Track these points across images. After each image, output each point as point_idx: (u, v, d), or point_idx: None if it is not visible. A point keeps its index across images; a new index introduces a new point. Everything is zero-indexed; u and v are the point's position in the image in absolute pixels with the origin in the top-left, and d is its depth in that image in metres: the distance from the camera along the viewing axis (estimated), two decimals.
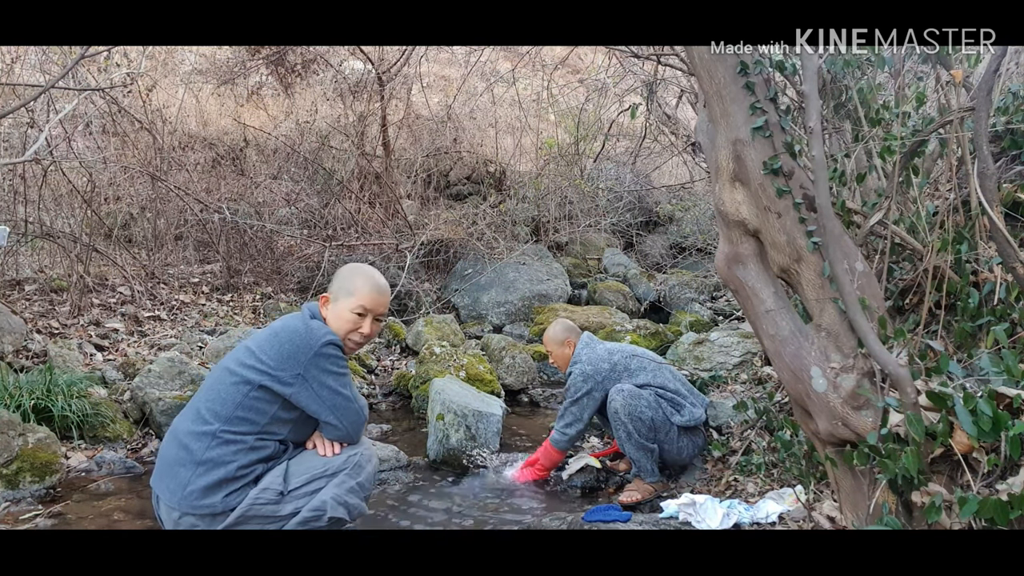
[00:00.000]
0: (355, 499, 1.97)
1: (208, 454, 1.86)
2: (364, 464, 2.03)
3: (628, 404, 2.79)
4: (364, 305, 2.01)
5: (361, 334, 2.03)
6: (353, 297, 2.01)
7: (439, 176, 7.79)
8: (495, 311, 6.06)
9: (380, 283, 2.08)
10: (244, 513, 1.86)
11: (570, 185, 7.44)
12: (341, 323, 2.01)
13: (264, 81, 7.78)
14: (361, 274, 2.08)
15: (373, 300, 2.03)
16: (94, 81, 5.18)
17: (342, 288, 2.04)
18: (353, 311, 2.00)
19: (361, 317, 2.02)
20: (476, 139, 8.09)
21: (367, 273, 2.08)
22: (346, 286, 2.04)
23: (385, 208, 6.76)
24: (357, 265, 2.15)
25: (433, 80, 8.85)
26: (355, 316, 2.01)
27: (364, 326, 2.03)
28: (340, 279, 2.08)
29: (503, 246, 6.53)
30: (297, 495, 1.92)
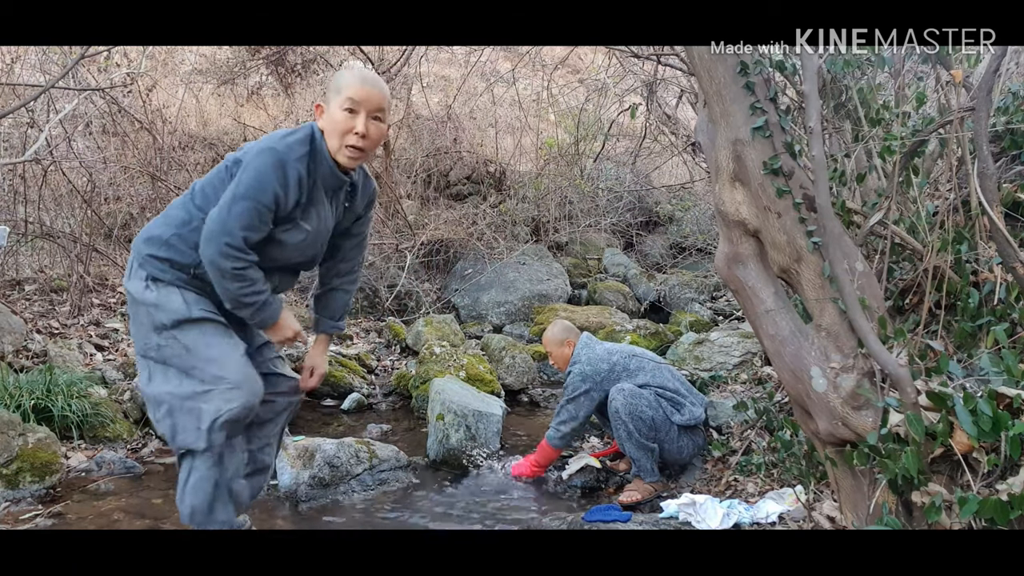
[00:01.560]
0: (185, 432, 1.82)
1: (169, 211, 1.92)
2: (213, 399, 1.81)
3: (629, 403, 2.79)
4: (352, 97, 1.77)
5: (357, 135, 1.79)
6: (340, 93, 1.78)
7: (439, 176, 7.78)
8: (495, 311, 6.06)
9: (368, 74, 1.87)
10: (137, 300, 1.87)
11: (570, 185, 7.44)
12: (335, 127, 1.80)
13: (264, 81, 7.78)
14: (347, 69, 1.88)
15: (361, 91, 1.77)
16: (94, 81, 5.18)
17: (331, 89, 1.83)
18: (342, 108, 1.78)
19: (352, 114, 1.78)
20: (476, 139, 8.08)
21: (353, 67, 1.94)
22: (334, 85, 1.82)
23: (385, 208, 6.75)
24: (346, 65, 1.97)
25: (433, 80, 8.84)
26: (345, 114, 1.78)
27: (358, 124, 1.78)
28: (329, 85, 1.86)
29: (503, 246, 6.52)
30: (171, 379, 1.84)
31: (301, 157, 1.79)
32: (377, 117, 1.82)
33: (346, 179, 1.92)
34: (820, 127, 1.77)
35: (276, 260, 1.91)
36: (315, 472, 2.83)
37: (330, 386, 4.21)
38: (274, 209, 1.78)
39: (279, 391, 2.10)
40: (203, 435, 1.81)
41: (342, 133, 1.79)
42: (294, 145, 1.79)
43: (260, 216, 1.76)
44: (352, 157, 1.83)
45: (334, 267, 2.18)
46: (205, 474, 1.86)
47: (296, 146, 1.79)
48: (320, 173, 1.85)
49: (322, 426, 3.72)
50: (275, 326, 1.93)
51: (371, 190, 2.10)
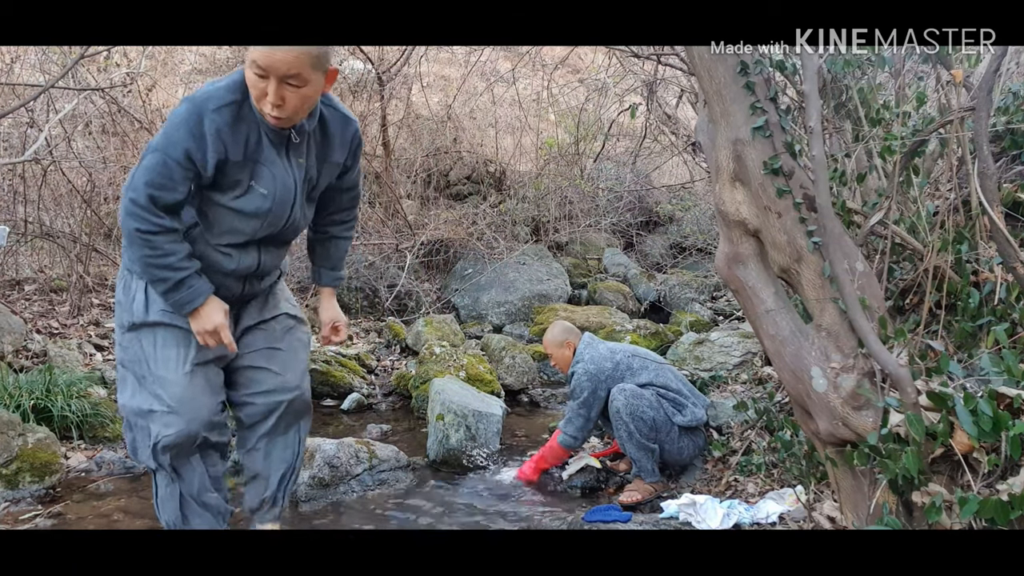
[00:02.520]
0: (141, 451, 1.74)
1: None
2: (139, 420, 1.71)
3: (630, 403, 2.79)
4: (256, 60, 1.51)
5: (270, 103, 1.54)
6: (249, 52, 1.53)
7: (439, 176, 7.78)
8: (495, 311, 6.06)
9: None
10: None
11: (570, 185, 7.44)
12: (249, 88, 1.57)
13: None
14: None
15: (263, 56, 1.50)
16: (94, 81, 5.18)
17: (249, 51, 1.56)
18: (251, 69, 1.53)
19: (261, 79, 1.53)
20: (476, 139, 8.08)
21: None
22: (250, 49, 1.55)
23: (385, 208, 6.75)
24: None
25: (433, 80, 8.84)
26: (255, 77, 1.53)
27: (269, 91, 1.53)
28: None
29: (503, 246, 6.52)
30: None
31: (221, 107, 1.56)
32: (291, 83, 1.53)
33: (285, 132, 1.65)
34: (820, 127, 1.77)
35: (243, 232, 1.71)
36: (315, 472, 2.83)
37: (330, 386, 4.21)
38: (189, 166, 1.56)
39: (260, 390, 1.89)
40: (151, 455, 1.72)
41: (257, 98, 1.57)
42: (215, 94, 1.56)
43: (169, 172, 1.54)
44: (275, 123, 1.61)
45: (327, 217, 1.99)
46: (167, 491, 1.77)
47: (218, 94, 1.56)
48: (261, 124, 1.62)
49: (322, 426, 3.72)
50: (195, 314, 1.67)
51: (351, 135, 1.82)
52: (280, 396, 1.90)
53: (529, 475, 3.06)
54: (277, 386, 1.89)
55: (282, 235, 1.81)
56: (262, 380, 1.88)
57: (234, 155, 1.59)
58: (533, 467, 3.07)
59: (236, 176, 1.62)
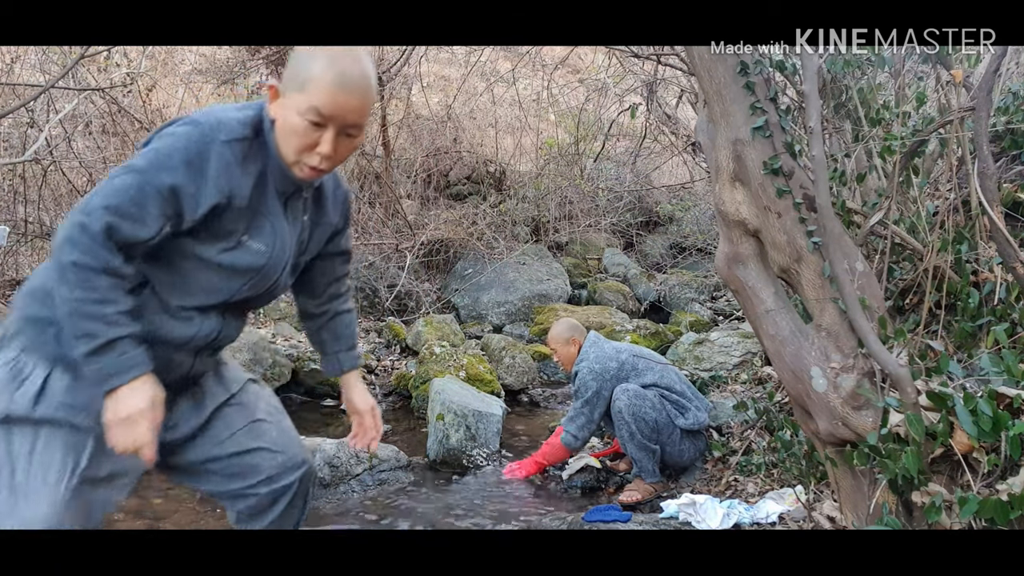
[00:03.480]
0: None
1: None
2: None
3: (632, 404, 2.79)
4: (318, 108, 1.21)
5: (320, 155, 1.26)
6: (304, 93, 1.22)
7: (439, 176, 7.78)
8: (495, 311, 6.06)
9: (350, 71, 1.23)
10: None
11: (570, 185, 7.45)
12: (291, 135, 1.26)
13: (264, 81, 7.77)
14: (322, 56, 1.23)
15: (334, 102, 1.22)
16: (94, 81, 5.18)
17: (293, 74, 1.26)
18: (304, 115, 1.22)
19: (316, 127, 1.24)
20: (476, 139, 8.08)
21: (332, 55, 1.24)
22: (297, 73, 1.24)
23: (385, 208, 6.75)
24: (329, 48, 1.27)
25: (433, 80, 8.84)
26: (307, 124, 1.23)
27: (323, 143, 1.25)
28: (294, 62, 1.27)
29: (503, 246, 6.53)
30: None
31: (234, 141, 1.26)
32: (351, 133, 1.28)
33: (303, 183, 1.36)
34: (820, 127, 1.77)
35: (220, 293, 1.35)
36: None
37: (330, 386, 4.21)
38: (171, 202, 1.21)
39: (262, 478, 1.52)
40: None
41: (300, 148, 1.27)
42: (228, 123, 1.26)
43: (143, 201, 1.18)
44: (308, 175, 1.32)
45: (326, 291, 1.63)
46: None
47: (231, 125, 1.27)
48: (269, 169, 1.32)
49: (322, 426, 3.73)
50: (114, 394, 1.20)
51: (343, 196, 1.57)
52: (288, 478, 1.55)
53: (517, 471, 3.05)
54: (281, 467, 1.54)
55: (258, 300, 1.48)
56: (260, 465, 1.52)
57: (239, 200, 1.27)
58: (529, 463, 3.06)
59: (231, 226, 1.30)
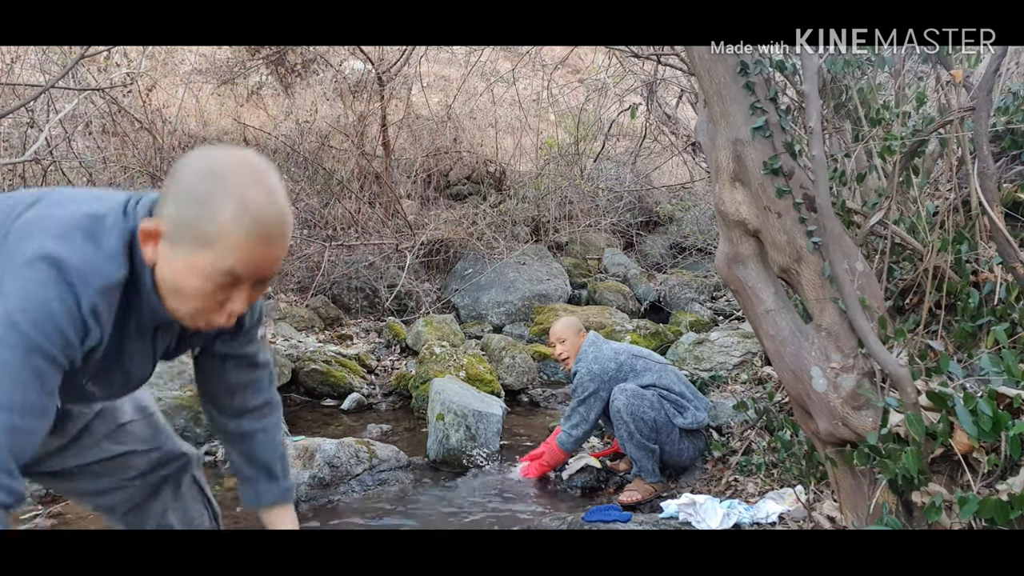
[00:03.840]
0: None
1: None
2: None
3: (631, 404, 2.79)
4: (233, 270, 0.99)
5: (229, 313, 1.05)
6: (211, 250, 0.97)
7: (439, 176, 7.79)
8: (495, 311, 6.06)
9: (268, 214, 0.98)
10: None
11: (570, 185, 7.45)
12: (185, 296, 1.02)
13: (264, 81, 7.78)
14: (227, 198, 0.96)
15: (251, 257, 0.99)
16: (94, 81, 5.18)
17: (191, 225, 0.97)
18: (211, 279, 0.99)
19: (226, 288, 1.01)
20: (476, 139, 8.08)
21: (239, 195, 0.96)
22: (199, 224, 0.96)
23: (385, 208, 6.75)
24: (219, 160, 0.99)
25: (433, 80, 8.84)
26: (215, 287, 1.00)
27: (235, 301, 1.04)
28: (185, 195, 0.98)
29: (503, 246, 6.53)
30: None
31: (107, 287, 0.99)
32: (267, 279, 1.07)
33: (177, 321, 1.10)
34: (820, 127, 1.77)
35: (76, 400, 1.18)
36: (315, 472, 2.83)
37: (330, 386, 4.21)
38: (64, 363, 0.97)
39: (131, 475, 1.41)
40: None
41: (202, 311, 1.04)
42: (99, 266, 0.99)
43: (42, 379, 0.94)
44: (205, 329, 1.09)
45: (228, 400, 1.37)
46: None
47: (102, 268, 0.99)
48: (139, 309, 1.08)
49: (322, 426, 3.73)
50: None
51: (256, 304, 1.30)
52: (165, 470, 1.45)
53: (533, 473, 3.07)
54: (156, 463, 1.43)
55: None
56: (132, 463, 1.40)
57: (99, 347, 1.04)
58: (535, 467, 3.08)
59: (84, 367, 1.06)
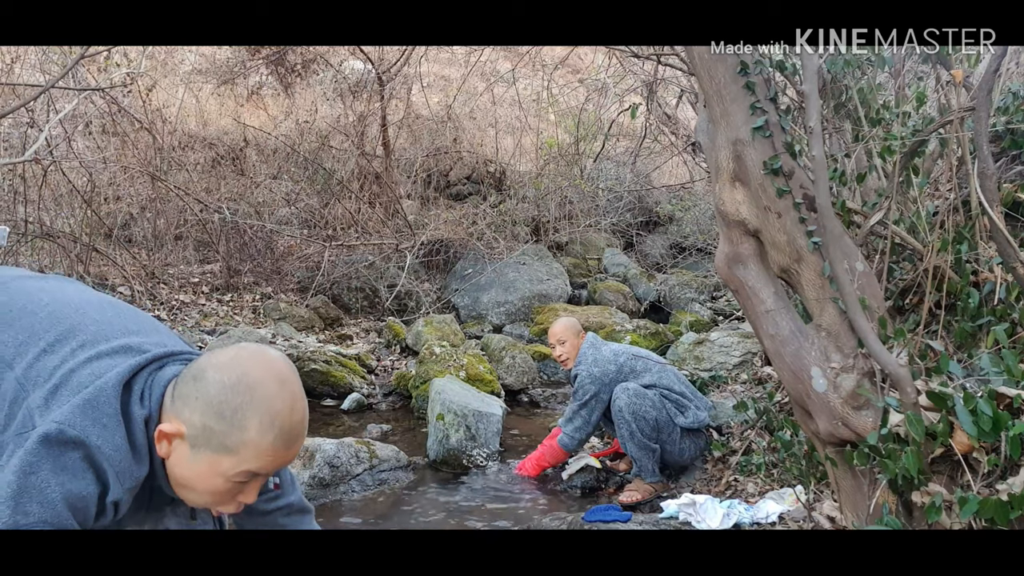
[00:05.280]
0: None
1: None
2: None
3: (633, 403, 2.79)
4: (255, 471, 1.06)
5: (239, 503, 1.12)
6: (235, 456, 1.03)
7: (439, 176, 7.79)
8: (495, 311, 6.06)
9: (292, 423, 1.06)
10: None
11: (570, 185, 7.45)
12: (201, 489, 1.08)
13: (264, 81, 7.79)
14: (255, 413, 1.03)
15: (274, 460, 1.06)
16: (94, 81, 5.18)
17: (215, 435, 1.03)
18: (232, 479, 1.05)
19: (241, 484, 1.08)
20: (476, 139, 8.09)
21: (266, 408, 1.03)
22: (225, 434, 1.03)
23: (385, 208, 6.76)
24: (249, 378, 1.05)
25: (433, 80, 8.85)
26: (232, 485, 1.07)
27: (248, 494, 1.10)
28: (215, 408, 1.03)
29: (503, 246, 6.53)
30: None
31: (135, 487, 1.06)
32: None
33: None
34: (820, 127, 1.77)
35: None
36: (315, 472, 2.83)
37: (330, 386, 4.21)
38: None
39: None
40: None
41: (214, 503, 1.10)
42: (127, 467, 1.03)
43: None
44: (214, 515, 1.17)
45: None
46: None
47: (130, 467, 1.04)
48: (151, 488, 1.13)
49: (322, 426, 3.73)
50: None
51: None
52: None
53: (529, 471, 3.07)
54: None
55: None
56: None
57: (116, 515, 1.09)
58: (534, 464, 3.08)
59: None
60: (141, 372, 1.10)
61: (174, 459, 1.07)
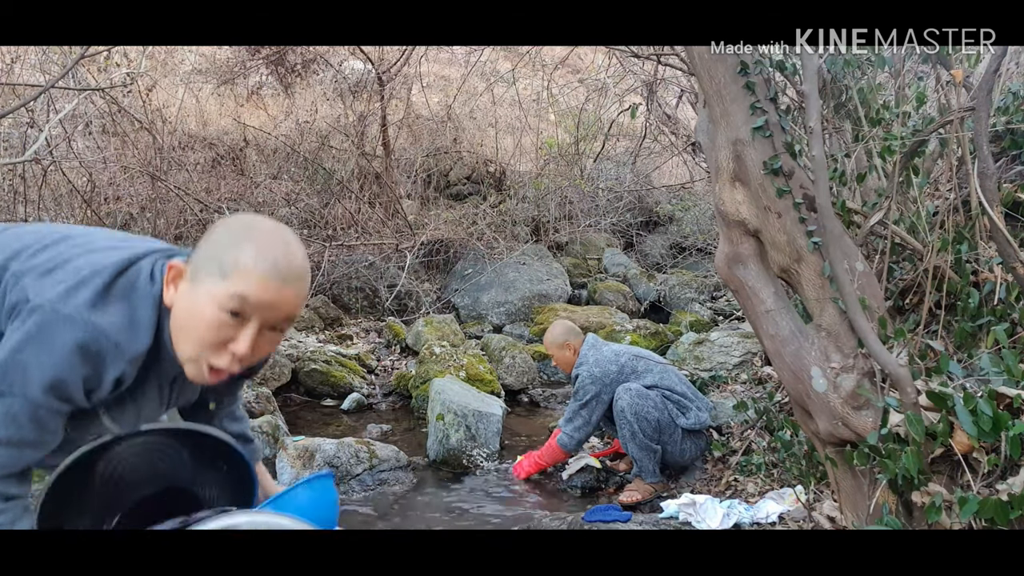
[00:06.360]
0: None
1: None
2: None
3: (635, 403, 2.80)
4: (245, 296, 1.03)
5: (233, 355, 1.07)
6: (227, 280, 1.04)
7: (439, 176, 7.79)
8: (495, 311, 6.06)
9: (287, 260, 1.07)
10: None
11: (570, 185, 7.44)
12: (195, 326, 1.06)
13: (264, 81, 7.78)
14: (251, 241, 1.06)
15: (265, 288, 1.04)
16: (94, 81, 5.18)
17: (212, 259, 1.06)
18: (223, 306, 1.04)
19: (237, 319, 1.05)
20: (476, 139, 8.09)
21: (263, 241, 1.06)
22: (221, 257, 1.05)
23: (385, 208, 6.75)
24: (251, 220, 1.11)
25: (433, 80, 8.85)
26: (224, 316, 1.04)
27: (241, 339, 1.06)
28: (214, 240, 1.09)
29: (503, 246, 6.52)
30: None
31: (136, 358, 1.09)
32: (278, 327, 1.10)
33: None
34: (820, 127, 1.77)
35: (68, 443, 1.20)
36: (315, 472, 2.83)
37: (330, 386, 4.21)
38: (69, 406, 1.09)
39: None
40: None
41: (207, 344, 1.06)
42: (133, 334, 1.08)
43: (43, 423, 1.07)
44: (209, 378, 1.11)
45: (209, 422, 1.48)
46: None
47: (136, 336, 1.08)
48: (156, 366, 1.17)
49: (322, 426, 3.72)
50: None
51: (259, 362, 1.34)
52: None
53: (526, 471, 3.06)
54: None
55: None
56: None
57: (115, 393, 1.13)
58: (532, 464, 3.07)
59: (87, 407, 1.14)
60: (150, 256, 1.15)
61: (177, 301, 1.09)
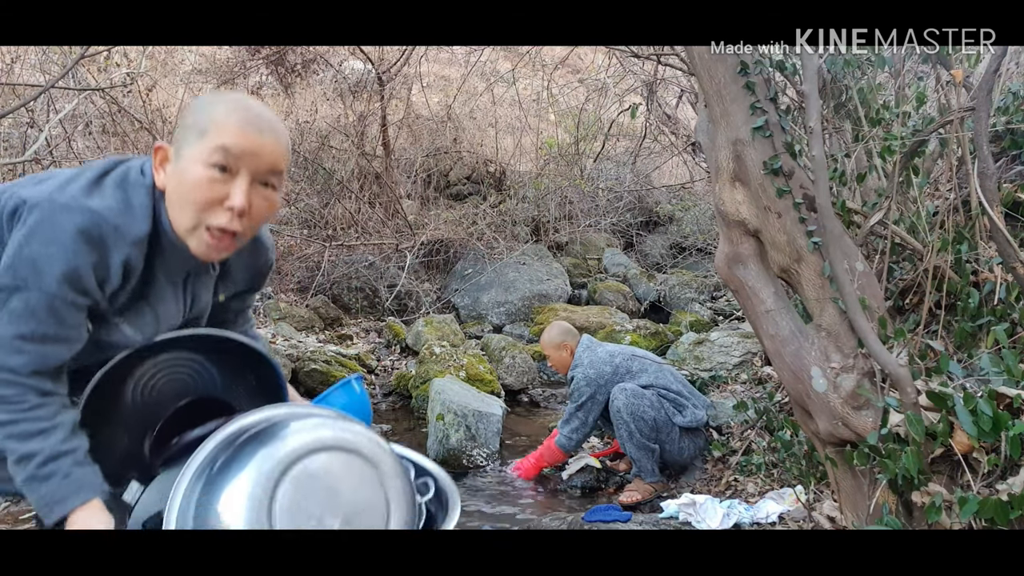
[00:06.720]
0: None
1: None
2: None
3: (631, 403, 2.80)
4: (226, 146, 1.07)
5: (230, 211, 1.08)
6: (206, 138, 1.07)
7: (439, 176, 7.79)
8: (495, 311, 6.06)
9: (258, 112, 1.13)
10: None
11: (570, 185, 7.45)
12: (188, 193, 1.08)
13: (264, 81, 7.78)
14: (223, 101, 1.12)
15: (244, 137, 1.08)
16: (94, 81, 5.18)
17: (192, 126, 1.10)
18: (209, 161, 1.06)
19: (225, 173, 1.08)
20: (476, 139, 8.09)
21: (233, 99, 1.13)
22: (198, 120, 1.09)
23: (385, 208, 6.75)
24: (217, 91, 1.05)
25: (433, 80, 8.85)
26: (213, 173, 1.07)
27: (234, 194, 1.08)
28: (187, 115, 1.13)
29: (503, 246, 6.53)
30: None
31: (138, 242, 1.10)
32: (269, 183, 1.13)
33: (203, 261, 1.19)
34: (820, 127, 1.77)
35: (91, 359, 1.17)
36: None
37: (330, 386, 4.20)
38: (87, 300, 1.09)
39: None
40: None
41: (203, 204, 1.08)
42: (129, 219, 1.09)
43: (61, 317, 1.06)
44: (215, 246, 1.11)
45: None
46: None
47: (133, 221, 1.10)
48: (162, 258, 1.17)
49: None
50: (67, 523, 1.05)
51: (263, 260, 1.39)
52: None
53: (526, 472, 3.07)
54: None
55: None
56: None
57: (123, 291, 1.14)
58: (532, 464, 3.08)
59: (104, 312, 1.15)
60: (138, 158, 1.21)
61: (168, 182, 1.12)
